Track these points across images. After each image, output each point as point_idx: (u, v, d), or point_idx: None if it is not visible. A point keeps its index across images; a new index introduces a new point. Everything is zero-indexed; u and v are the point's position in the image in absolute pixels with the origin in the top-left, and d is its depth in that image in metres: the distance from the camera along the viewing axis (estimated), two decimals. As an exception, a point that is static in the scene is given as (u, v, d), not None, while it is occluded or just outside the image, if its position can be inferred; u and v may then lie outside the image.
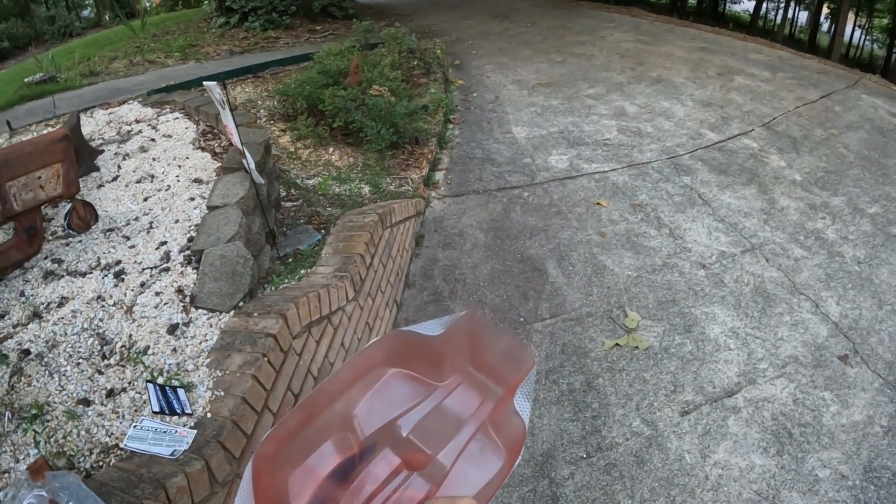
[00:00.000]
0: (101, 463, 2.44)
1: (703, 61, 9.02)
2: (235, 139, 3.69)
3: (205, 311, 3.17)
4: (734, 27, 11.28)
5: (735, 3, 25.81)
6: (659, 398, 3.68)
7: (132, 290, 3.32)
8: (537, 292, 4.47)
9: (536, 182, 5.77)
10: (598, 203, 5.42)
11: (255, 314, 3.04)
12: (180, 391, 2.66)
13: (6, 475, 2.45)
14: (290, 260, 3.90)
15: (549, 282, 4.56)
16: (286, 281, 3.60)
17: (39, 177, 3.45)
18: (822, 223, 5.22)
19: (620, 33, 10.76)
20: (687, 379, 3.79)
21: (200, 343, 2.98)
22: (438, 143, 6.35)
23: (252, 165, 3.77)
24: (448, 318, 1.15)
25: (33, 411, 2.67)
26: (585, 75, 8.49)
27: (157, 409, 2.59)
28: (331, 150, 5.69)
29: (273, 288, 3.53)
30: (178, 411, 2.59)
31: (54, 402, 2.71)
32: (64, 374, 2.85)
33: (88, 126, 5.26)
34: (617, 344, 4.01)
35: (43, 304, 3.27)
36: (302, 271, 3.71)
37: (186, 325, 3.10)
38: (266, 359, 2.74)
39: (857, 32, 23.34)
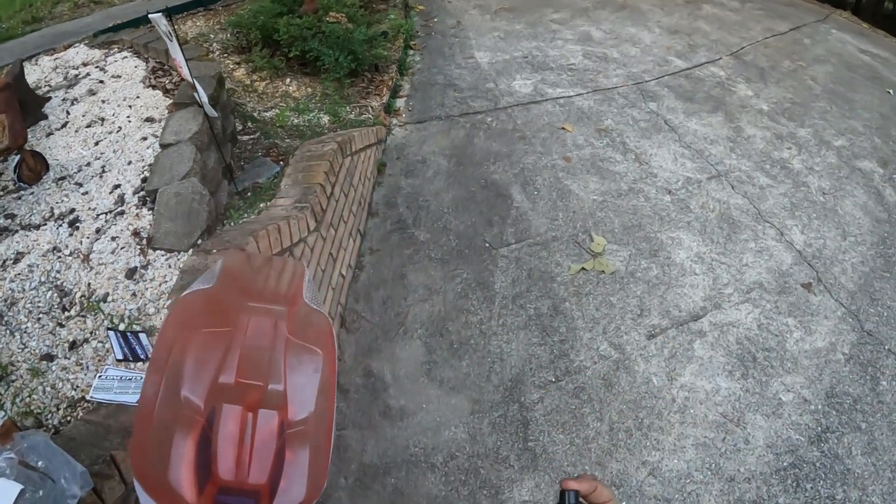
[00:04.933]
0: (68, 418, 2.45)
1: (671, -12, 8.92)
2: (185, 72, 3.55)
3: (163, 252, 3.14)
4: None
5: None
6: (626, 322, 3.71)
7: (88, 238, 3.27)
8: (502, 218, 4.43)
9: (500, 107, 5.67)
10: (563, 128, 5.36)
11: (214, 251, 2.99)
12: (142, 336, 2.61)
13: None
14: (249, 194, 3.80)
15: (514, 207, 4.52)
16: (245, 215, 3.53)
17: None
18: (787, 153, 5.26)
19: (585, -40, 10.56)
20: (653, 303, 3.83)
21: (160, 285, 2.96)
22: (399, 69, 6.16)
23: (204, 99, 3.65)
24: (216, 266, 1.16)
25: None
26: (549, 0, 8.33)
27: (120, 356, 2.56)
28: (288, 81, 5.50)
29: (232, 223, 3.47)
30: (142, 357, 2.57)
31: (17, 361, 2.69)
32: (25, 332, 2.83)
33: (34, 74, 5.05)
34: (583, 268, 4.01)
35: None
36: (261, 205, 3.63)
37: (145, 268, 3.07)
38: (227, 296, 2.69)
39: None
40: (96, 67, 5.12)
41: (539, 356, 3.52)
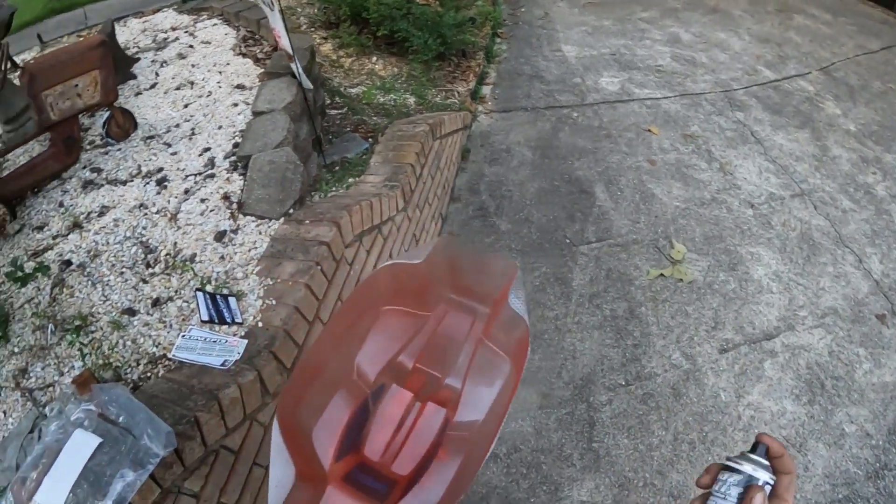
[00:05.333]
0: (148, 374, 2.39)
1: (763, -6, 8.63)
2: (284, 42, 3.52)
3: (253, 219, 3.08)
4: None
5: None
6: (699, 333, 3.62)
7: (176, 198, 3.21)
8: (584, 214, 4.36)
9: (586, 103, 5.56)
10: (649, 130, 5.23)
11: (307, 221, 2.94)
12: (231, 300, 2.58)
13: (51, 388, 2.40)
14: (337, 168, 3.77)
15: (597, 205, 4.44)
16: (334, 189, 3.49)
17: (76, 85, 3.31)
18: (872, 178, 5.05)
19: (675, -42, 10.25)
20: (728, 317, 3.73)
21: (249, 251, 2.89)
22: (486, 56, 6.09)
23: (300, 70, 3.62)
24: (428, 244, 1.10)
25: (77, 322, 2.60)
26: (638, -3, 8.13)
27: (206, 318, 2.52)
28: (374, 59, 5.45)
29: (322, 195, 3.42)
30: (228, 320, 2.52)
31: (98, 313, 2.65)
32: (107, 284, 2.78)
33: (123, 35, 5.06)
34: (662, 274, 3.93)
35: (83, 213, 3.18)
36: (350, 179, 3.59)
37: (234, 232, 3.00)
38: (319, 267, 2.66)
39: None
40: (185, 32, 5.11)
41: (611, 358, 3.46)
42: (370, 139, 4.08)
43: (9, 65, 3.37)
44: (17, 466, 2.07)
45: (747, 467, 0.83)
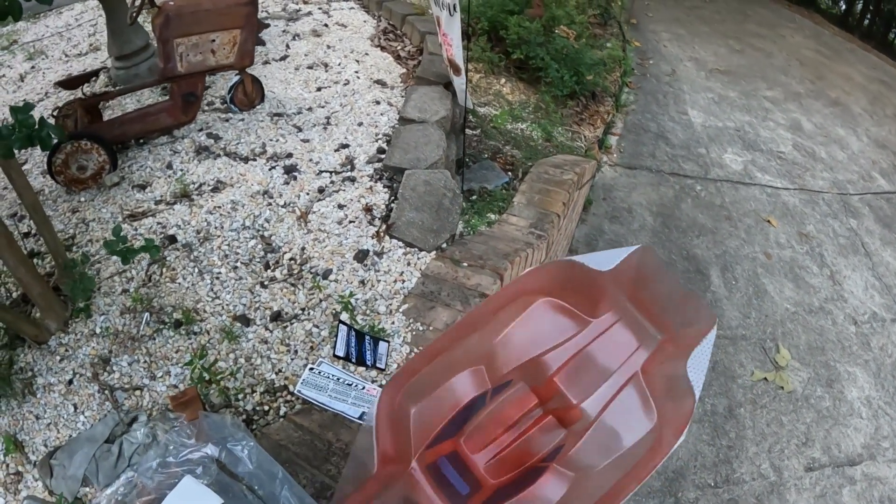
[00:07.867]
0: (266, 407, 1.92)
1: (882, 96, 8.12)
2: (456, 52, 3.11)
3: (401, 244, 2.55)
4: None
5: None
6: (790, 446, 3.39)
7: (307, 194, 2.73)
8: (697, 297, 4.11)
9: (709, 177, 5.26)
10: (768, 220, 4.92)
11: (465, 264, 2.50)
12: (382, 345, 2.12)
13: (138, 393, 1.92)
14: (475, 197, 3.33)
15: (711, 290, 4.18)
16: (476, 222, 3.04)
17: (213, 40, 2.91)
18: (974, 312, 4.72)
19: (801, 38, 9.72)
20: (819, 435, 3.49)
21: (395, 282, 2.38)
22: (615, 104, 5.77)
23: (465, 87, 3.23)
24: (622, 251, 0.97)
25: (177, 316, 2.12)
26: (764, 73, 7.70)
27: (341, 353, 2.07)
28: (503, 80, 5.12)
29: (469, 230, 2.93)
30: (368, 363, 2.06)
31: (204, 312, 2.17)
32: (217, 278, 2.29)
33: None
34: (765, 378, 3.68)
35: (194, 183, 2.73)
36: (490, 215, 3.14)
37: (378, 255, 2.48)
38: (478, 321, 2.30)
39: None
40: (319, 9, 4.76)
41: (705, 455, 3.25)
42: (509, 172, 3.72)
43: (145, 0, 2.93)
44: (83, 479, 1.70)
45: None
